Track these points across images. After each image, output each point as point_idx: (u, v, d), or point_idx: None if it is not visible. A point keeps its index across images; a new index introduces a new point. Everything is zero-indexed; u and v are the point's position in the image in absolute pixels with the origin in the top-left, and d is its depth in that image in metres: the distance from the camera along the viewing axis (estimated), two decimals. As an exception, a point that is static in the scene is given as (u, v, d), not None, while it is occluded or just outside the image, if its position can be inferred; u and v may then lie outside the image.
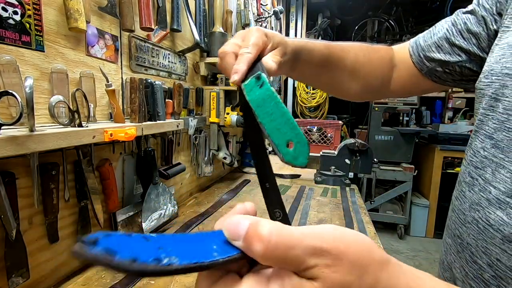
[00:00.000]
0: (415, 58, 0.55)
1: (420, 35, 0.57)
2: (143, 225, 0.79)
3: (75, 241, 0.65)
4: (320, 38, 3.78)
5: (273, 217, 0.43)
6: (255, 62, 0.37)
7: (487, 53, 0.46)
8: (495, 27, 0.45)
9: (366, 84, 0.58)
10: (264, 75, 0.33)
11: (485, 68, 0.43)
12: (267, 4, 2.03)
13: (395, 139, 3.08)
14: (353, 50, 0.55)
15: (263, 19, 1.84)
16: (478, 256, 0.40)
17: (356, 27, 3.94)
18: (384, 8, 3.80)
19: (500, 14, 0.45)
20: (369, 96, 0.63)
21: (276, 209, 0.43)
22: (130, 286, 0.61)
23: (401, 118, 3.33)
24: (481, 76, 0.44)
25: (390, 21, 3.79)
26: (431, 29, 0.55)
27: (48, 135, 0.47)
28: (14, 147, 0.42)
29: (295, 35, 3.46)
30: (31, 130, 0.45)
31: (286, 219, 0.44)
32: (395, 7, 3.80)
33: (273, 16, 1.83)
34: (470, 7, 0.50)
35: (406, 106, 3.12)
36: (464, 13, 0.50)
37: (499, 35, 0.43)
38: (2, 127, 0.43)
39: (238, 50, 0.38)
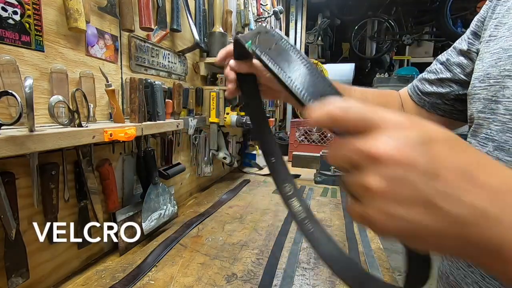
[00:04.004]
0: (415, 97, 0.58)
1: (416, 78, 0.61)
2: (143, 225, 0.79)
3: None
4: (320, 38, 3.78)
5: (283, 193, 0.42)
6: None
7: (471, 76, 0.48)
8: (474, 49, 0.48)
9: None
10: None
11: (477, 74, 0.44)
12: (267, 4, 2.03)
13: (395, 139, 3.07)
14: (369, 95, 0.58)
15: (263, 19, 1.84)
16: None
17: (356, 27, 3.94)
18: (384, 8, 3.80)
19: (476, 35, 0.48)
20: None
21: (286, 184, 0.42)
22: (130, 286, 0.61)
23: (401, 118, 3.33)
24: (473, 82, 0.44)
25: (390, 21, 3.79)
26: (425, 71, 0.59)
27: (47, 135, 0.47)
28: (14, 147, 0.42)
29: (295, 35, 3.46)
30: (31, 130, 0.45)
31: (297, 193, 0.42)
32: (395, 7, 3.81)
33: (273, 16, 1.83)
34: (453, 45, 0.54)
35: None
36: (449, 50, 0.55)
37: (485, 45, 0.44)
38: (2, 127, 0.43)
39: None
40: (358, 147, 0.20)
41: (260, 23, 1.79)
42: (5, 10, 0.48)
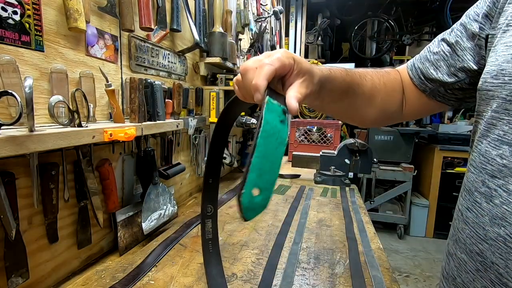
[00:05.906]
0: (416, 80, 0.56)
1: (416, 56, 0.57)
2: (143, 225, 0.79)
3: (74, 241, 0.66)
4: (320, 38, 3.78)
5: (204, 211, 0.52)
6: (277, 93, 0.36)
7: (483, 65, 0.45)
8: (483, 35, 0.44)
9: (383, 109, 0.58)
10: (288, 116, 0.34)
11: (490, 68, 0.41)
12: (266, 4, 2.03)
13: (395, 139, 3.08)
14: (369, 75, 0.55)
15: (263, 19, 1.84)
16: (509, 278, 0.36)
17: (356, 27, 3.94)
18: (384, 8, 3.80)
19: (488, 17, 0.44)
20: (385, 121, 0.62)
21: (209, 205, 0.53)
22: (130, 286, 0.61)
23: (400, 118, 3.32)
24: (486, 76, 0.42)
25: (390, 21, 3.79)
26: (425, 49, 0.55)
27: (47, 135, 0.47)
28: (14, 147, 0.42)
29: (295, 35, 3.46)
30: (31, 130, 0.45)
31: (215, 217, 0.53)
32: (395, 7, 3.80)
33: (273, 16, 1.83)
34: (459, 22, 0.50)
35: (405, 106, 3.12)
36: (456, 29, 0.50)
37: (501, 34, 0.41)
38: (2, 127, 0.43)
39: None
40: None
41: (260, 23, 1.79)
42: (5, 10, 0.48)
